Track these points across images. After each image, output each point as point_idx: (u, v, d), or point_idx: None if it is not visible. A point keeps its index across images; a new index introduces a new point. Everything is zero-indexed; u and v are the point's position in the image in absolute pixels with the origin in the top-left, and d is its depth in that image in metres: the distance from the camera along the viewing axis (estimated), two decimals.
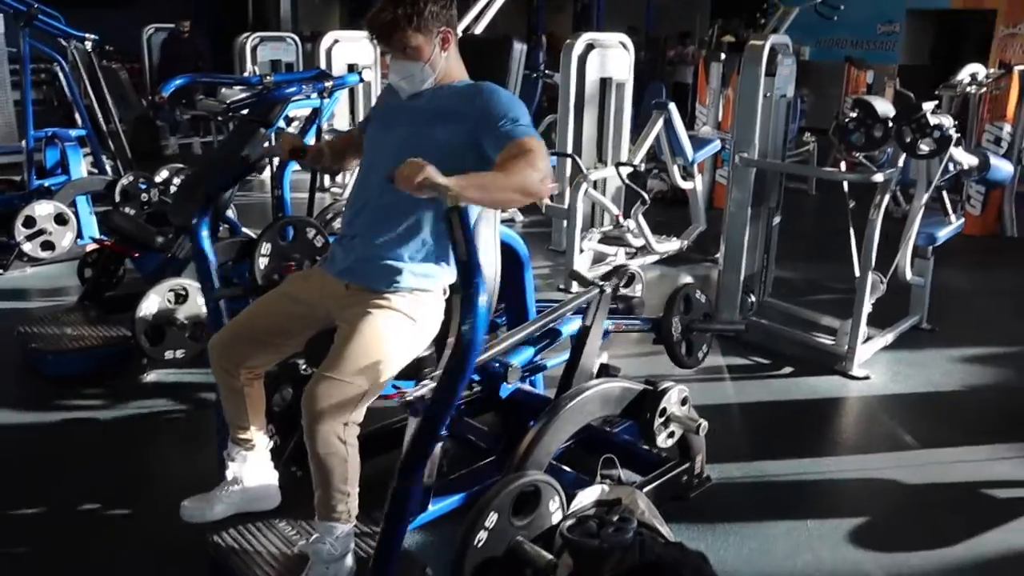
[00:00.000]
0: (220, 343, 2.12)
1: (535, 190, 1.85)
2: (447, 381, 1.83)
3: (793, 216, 7.21)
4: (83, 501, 2.63)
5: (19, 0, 4.68)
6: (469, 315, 1.74)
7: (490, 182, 1.82)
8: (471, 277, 1.73)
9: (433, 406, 1.88)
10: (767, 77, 3.89)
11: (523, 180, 1.82)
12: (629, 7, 14.95)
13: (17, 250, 4.79)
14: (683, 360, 3.15)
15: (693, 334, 3.16)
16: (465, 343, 1.76)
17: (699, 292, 3.16)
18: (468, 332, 1.75)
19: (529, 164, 1.84)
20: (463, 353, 1.76)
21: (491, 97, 2.00)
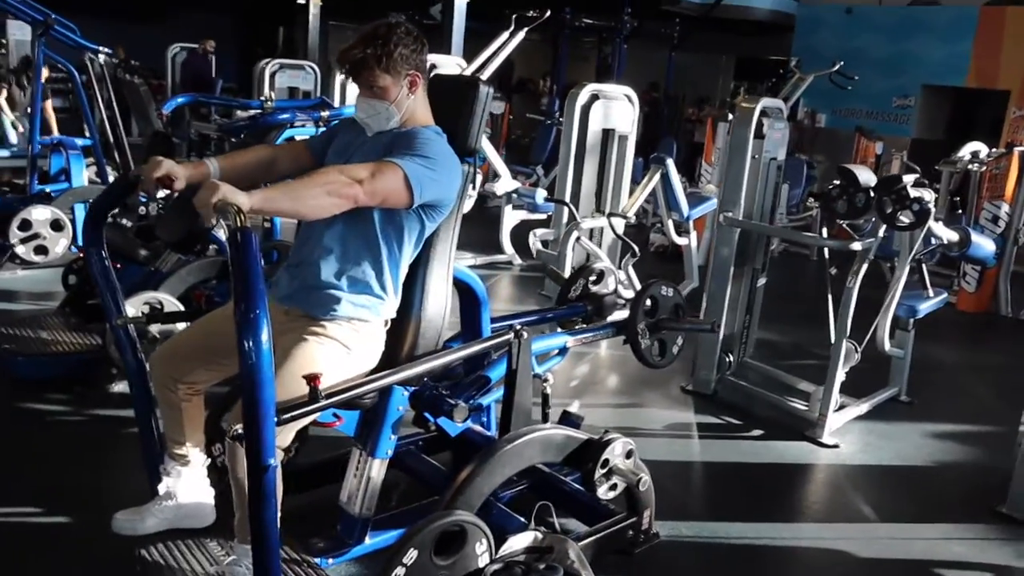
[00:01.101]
0: (160, 357, 2.14)
1: (343, 192, 1.87)
2: (247, 417, 1.69)
3: (790, 279, 7.27)
4: (25, 505, 2.64)
5: (36, 10, 4.81)
6: (248, 342, 1.63)
7: (298, 189, 1.85)
8: (251, 302, 1.63)
9: (248, 443, 1.71)
10: (756, 139, 3.92)
11: (328, 183, 1.86)
12: (652, 63, 15.13)
13: (10, 252, 4.85)
14: (651, 359, 3.04)
15: (663, 332, 3.07)
16: (247, 371, 1.65)
17: (667, 288, 3.07)
18: (250, 359, 1.63)
19: (343, 171, 1.90)
20: (250, 384, 1.65)
21: (412, 136, 2.07)
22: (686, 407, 4.00)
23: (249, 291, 1.63)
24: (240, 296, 1.63)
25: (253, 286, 1.63)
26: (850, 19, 13.42)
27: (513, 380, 2.40)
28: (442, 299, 2.28)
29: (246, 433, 1.68)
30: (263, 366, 1.63)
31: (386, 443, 2.32)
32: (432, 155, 2.03)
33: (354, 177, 1.89)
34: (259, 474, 1.71)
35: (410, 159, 1.99)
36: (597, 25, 14.21)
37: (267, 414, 1.68)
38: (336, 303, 2.04)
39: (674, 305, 3.10)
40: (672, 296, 3.07)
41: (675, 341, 3.12)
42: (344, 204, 1.90)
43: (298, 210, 1.87)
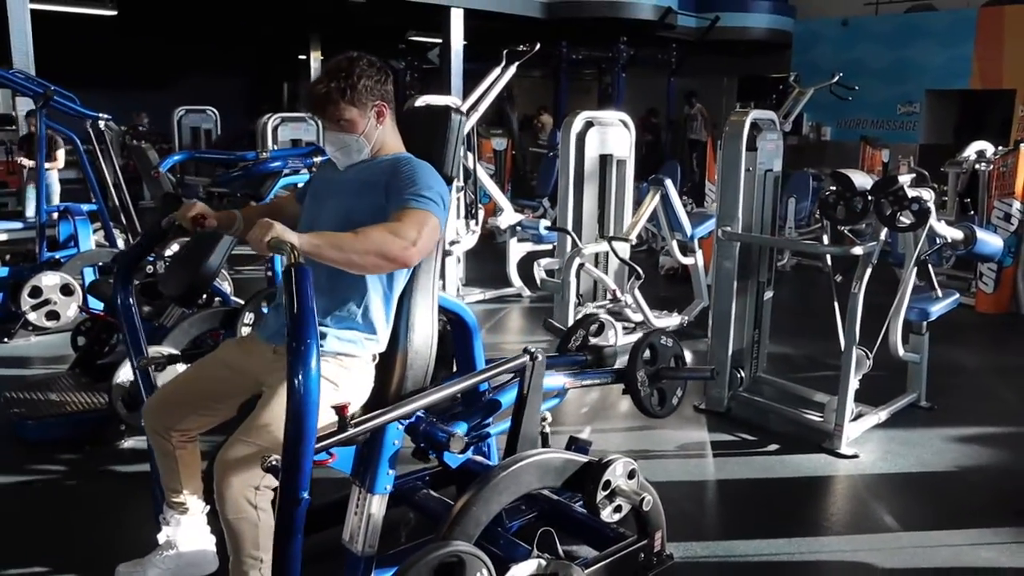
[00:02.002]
0: (152, 406, 2.15)
1: (395, 256, 1.87)
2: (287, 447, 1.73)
3: (802, 293, 7.21)
4: (34, 565, 2.63)
5: (36, 83, 4.94)
6: (299, 374, 1.67)
7: (348, 243, 1.85)
8: (303, 336, 1.68)
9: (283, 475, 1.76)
10: (749, 152, 3.91)
11: (380, 244, 1.85)
12: (653, 89, 15.23)
13: (23, 319, 4.92)
14: (653, 410, 3.03)
15: (663, 382, 3.06)
16: (296, 404, 1.69)
17: (666, 338, 3.07)
18: (299, 393, 1.68)
19: (391, 230, 1.88)
20: (296, 415, 1.69)
21: (402, 168, 2.05)
22: (699, 426, 3.94)
23: (302, 324, 1.69)
24: (292, 329, 1.70)
25: (306, 320, 1.70)
26: (847, 31, 13.49)
27: (523, 405, 2.38)
28: (428, 330, 2.27)
29: (285, 464, 1.72)
30: (311, 399, 1.68)
31: (384, 478, 2.29)
32: (435, 186, 2.04)
33: (408, 239, 1.88)
34: (291, 507, 1.75)
35: (428, 201, 1.98)
36: (595, 56, 14.35)
37: (309, 447, 1.73)
38: (322, 339, 2.04)
39: (673, 355, 3.12)
40: (671, 347, 3.10)
41: (675, 392, 3.15)
42: (392, 267, 1.92)
43: (337, 261, 1.87)
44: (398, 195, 1.97)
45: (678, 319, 5.57)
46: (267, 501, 1.93)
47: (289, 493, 1.73)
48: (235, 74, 18.16)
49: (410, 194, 1.96)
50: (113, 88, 13.19)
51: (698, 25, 14.56)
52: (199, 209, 2.21)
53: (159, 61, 15.79)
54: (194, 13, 13.79)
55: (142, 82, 15.48)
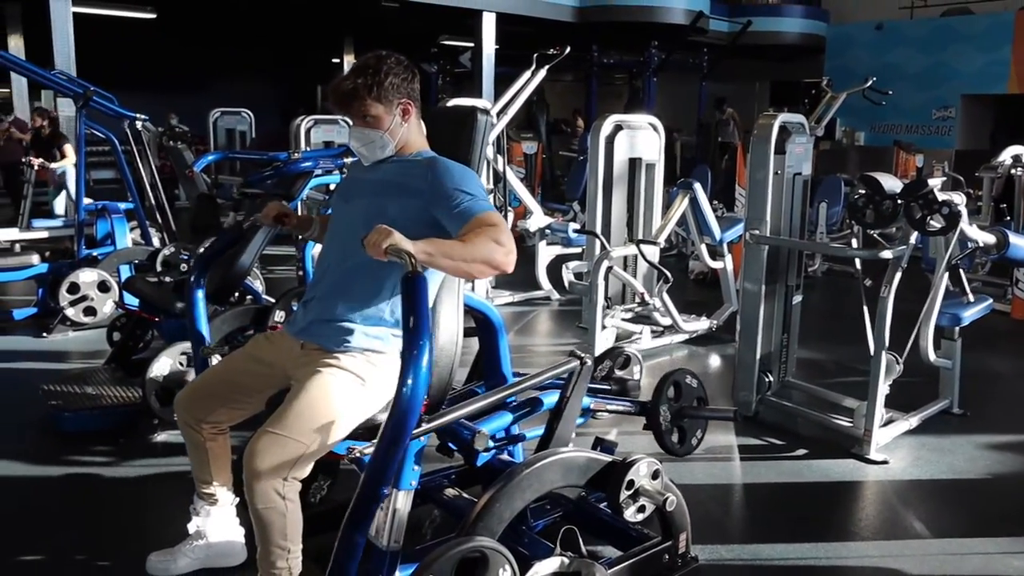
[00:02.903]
0: (184, 399, 2.19)
1: (500, 263, 1.91)
2: (383, 441, 1.84)
3: (834, 298, 7.14)
4: (71, 551, 2.70)
5: (77, 83, 5.05)
6: (410, 376, 1.78)
7: (457, 252, 1.88)
8: (417, 340, 1.78)
9: (371, 466, 1.89)
10: (778, 155, 3.89)
11: (489, 254, 1.89)
12: (684, 95, 15.17)
13: (61, 315, 5.03)
14: (673, 448, 3.11)
15: (685, 420, 3.11)
16: (404, 403, 1.78)
17: (691, 377, 3.12)
18: (407, 392, 1.78)
19: (494, 239, 1.91)
20: (400, 413, 1.78)
21: (444, 171, 2.07)
22: (727, 429, 3.92)
23: (418, 329, 1.80)
24: (409, 332, 1.81)
25: (422, 324, 1.81)
26: (881, 35, 13.33)
27: (563, 407, 2.42)
28: (453, 328, 2.29)
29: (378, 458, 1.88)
30: (416, 403, 1.81)
31: (410, 474, 2.30)
32: (477, 183, 2.08)
33: (508, 246, 1.92)
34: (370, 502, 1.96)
35: (481, 199, 2.02)
36: (626, 60, 14.33)
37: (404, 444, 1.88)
38: (349, 335, 2.07)
39: (696, 397, 3.18)
40: (696, 388, 3.17)
41: (695, 432, 3.19)
42: (494, 273, 1.97)
43: (446, 268, 1.92)
44: (457, 201, 1.99)
45: (707, 323, 5.55)
46: (295, 492, 1.96)
47: (372, 488, 1.89)
48: (269, 77, 18.39)
49: (470, 200, 2.00)
50: (151, 89, 13.43)
51: (730, 29, 14.49)
52: (282, 209, 2.40)
53: (196, 63, 16.04)
54: (231, 17, 13.99)
55: (179, 84, 15.75)
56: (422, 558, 2.40)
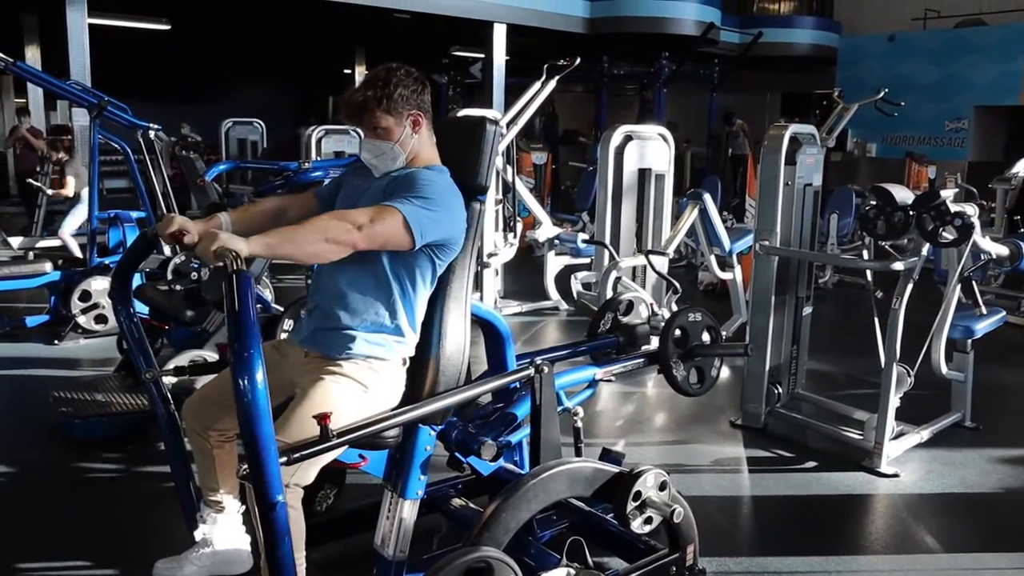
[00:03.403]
0: (191, 406, 2.20)
1: (341, 238, 1.91)
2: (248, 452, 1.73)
3: (845, 310, 7.10)
4: (76, 558, 2.71)
5: (91, 94, 5.09)
6: (243, 378, 1.69)
7: (297, 234, 1.88)
8: (245, 341, 1.70)
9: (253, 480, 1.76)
10: (788, 166, 3.88)
11: (326, 230, 1.89)
12: (694, 106, 15.17)
13: (72, 322, 5.06)
14: (690, 389, 2.95)
15: (698, 359, 2.99)
16: (244, 408, 1.70)
17: (696, 313, 3.00)
18: (246, 396, 1.69)
19: (341, 216, 1.94)
20: (243, 416, 1.70)
21: (416, 179, 2.09)
22: (735, 441, 3.91)
23: (243, 331, 1.69)
24: (234, 336, 1.70)
25: (247, 326, 1.70)
26: (893, 46, 13.31)
27: (538, 415, 2.38)
28: (460, 337, 2.29)
29: (251, 472, 1.71)
30: (259, 403, 1.68)
31: (415, 483, 2.31)
32: (432, 195, 2.05)
33: (353, 222, 1.92)
34: (268, 511, 1.73)
35: (408, 202, 2.01)
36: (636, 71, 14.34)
37: (268, 451, 1.71)
38: (351, 342, 2.08)
39: (705, 327, 3.00)
40: (701, 320, 2.99)
41: (712, 365, 3.03)
42: (342, 250, 1.93)
43: (294, 255, 1.90)
44: (389, 197, 2.03)
45: None
46: (298, 499, 1.96)
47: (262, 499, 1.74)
48: (281, 87, 18.49)
49: (396, 196, 2.02)
50: (163, 100, 13.52)
51: (741, 41, 14.49)
52: (177, 224, 1.99)
53: (208, 74, 16.15)
54: (243, 28, 14.09)
55: (191, 94, 15.85)
56: (427, 568, 2.40)
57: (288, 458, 1.77)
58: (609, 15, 12.67)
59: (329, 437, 1.86)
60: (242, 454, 2.38)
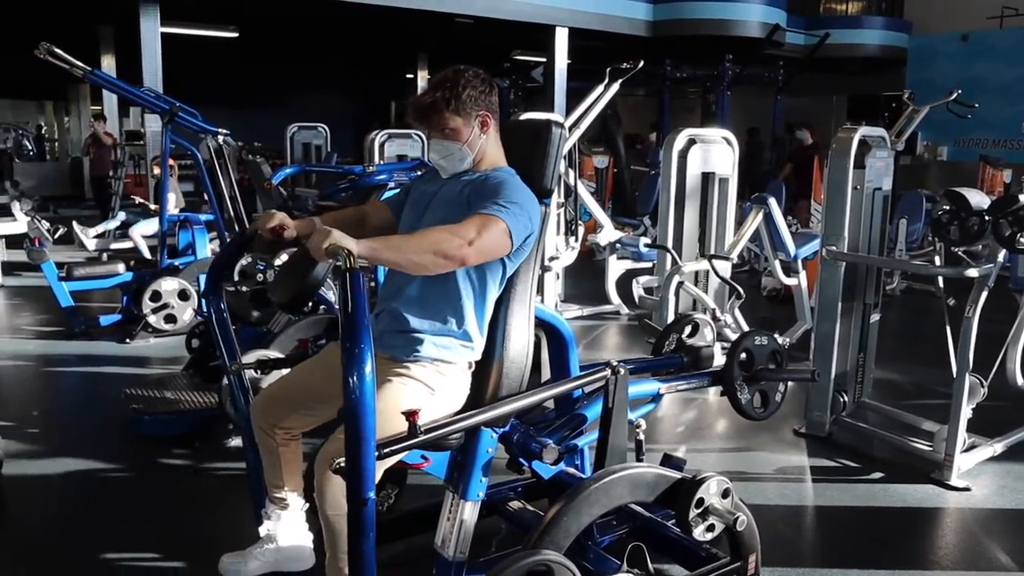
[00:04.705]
0: (259, 404, 2.25)
1: (451, 253, 1.90)
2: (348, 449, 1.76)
3: (914, 317, 6.91)
4: (146, 551, 2.79)
5: (163, 100, 5.25)
6: (354, 376, 1.71)
7: (405, 243, 1.90)
8: (356, 338, 1.71)
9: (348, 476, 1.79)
10: (856, 169, 3.79)
11: (436, 242, 1.89)
12: (758, 109, 14.93)
13: (143, 322, 5.22)
14: (753, 413, 2.92)
15: (762, 383, 2.96)
16: (351, 405, 1.73)
17: (762, 336, 2.97)
18: (355, 393, 1.71)
19: (450, 231, 1.92)
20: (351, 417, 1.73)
21: (494, 181, 2.10)
22: (799, 450, 3.83)
23: (355, 328, 1.72)
24: (347, 332, 1.73)
25: (359, 323, 1.72)
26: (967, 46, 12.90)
27: (608, 419, 2.37)
28: (524, 340, 2.29)
29: (348, 466, 1.75)
30: (366, 400, 1.71)
31: (476, 485, 2.32)
32: (518, 199, 2.06)
33: (464, 237, 1.92)
34: (358, 507, 1.77)
35: (503, 208, 2.01)
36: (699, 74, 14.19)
37: (368, 447, 1.75)
38: (419, 345, 2.10)
39: (771, 352, 2.99)
40: (768, 344, 2.98)
41: (776, 390, 3.02)
42: (450, 265, 1.95)
43: (399, 263, 1.92)
44: (476, 204, 2.02)
45: (779, 341, 5.42)
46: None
47: (354, 494, 1.77)
48: (345, 93, 18.82)
49: (487, 202, 2.01)
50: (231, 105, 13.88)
51: (807, 42, 14.23)
52: (278, 220, 2.18)
53: (274, 80, 16.53)
54: (309, 35, 14.38)
55: (258, 100, 16.24)
56: (487, 570, 2.41)
57: (379, 452, 1.82)
58: (672, 17, 12.56)
59: (417, 433, 1.89)
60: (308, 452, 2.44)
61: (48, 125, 20.06)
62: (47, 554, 2.81)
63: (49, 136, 19.85)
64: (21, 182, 10.87)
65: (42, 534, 2.95)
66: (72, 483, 3.37)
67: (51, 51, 4.64)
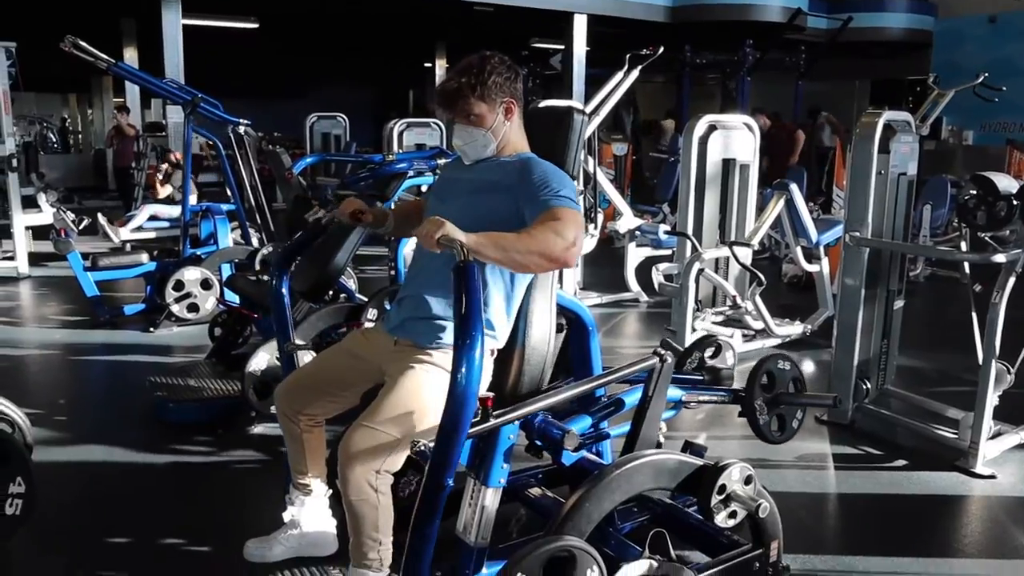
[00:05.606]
0: (284, 390, 2.27)
1: (557, 256, 1.90)
2: (441, 434, 1.84)
3: (938, 304, 6.84)
4: (172, 536, 2.82)
5: (185, 91, 5.29)
6: (463, 366, 1.76)
7: (510, 243, 1.88)
8: (469, 329, 1.76)
9: (433, 458, 1.88)
10: (881, 154, 3.75)
11: (544, 245, 1.88)
12: (779, 95, 14.78)
13: (167, 311, 5.27)
14: (770, 436, 2.98)
15: (781, 407, 3.00)
16: (458, 394, 1.77)
17: (785, 361, 3.01)
18: (462, 383, 1.77)
19: (554, 231, 1.90)
20: (455, 405, 1.78)
21: (533, 169, 2.08)
22: (821, 437, 3.81)
23: (470, 318, 1.79)
24: (460, 325, 1.80)
25: (473, 316, 1.79)
26: (994, 28, 12.71)
27: (647, 406, 2.39)
28: (546, 327, 2.29)
29: (437, 450, 1.84)
30: (471, 391, 1.79)
31: (498, 472, 2.32)
32: (568, 184, 2.08)
33: (568, 239, 1.91)
34: (436, 491, 1.89)
35: (566, 199, 2.01)
36: (719, 60, 14.06)
37: (461, 436, 1.84)
38: (442, 332, 2.10)
39: (792, 379, 3.04)
40: (790, 370, 3.03)
41: (794, 415, 3.07)
42: (554, 266, 1.97)
43: (501, 260, 1.92)
44: (538, 195, 2.00)
45: (800, 328, 5.39)
46: (387, 485, 2.00)
47: (435, 478, 1.86)
48: (364, 82, 18.84)
49: (551, 194, 1.99)
50: (251, 96, 13.93)
51: (829, 26, 14.05)
52: (357, 205, 2.38)
53: (294, 70, 16.57)
54: (328, 25, 14.40)
55: (278, 90, 16.30)
56: (508, 555, 2.42)
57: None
58: (692, 3, 12.46)
59: (488, 417, 1.95)
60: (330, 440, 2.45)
61: (72, 117, 20.24)
62: (77, 537, 2.86)
63: (73, 128, 20.03)
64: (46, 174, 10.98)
65: (71, 517, 3.00)
66: (99, 469, 3.42)
67: (76, 44, 4.69)
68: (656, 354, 2.36)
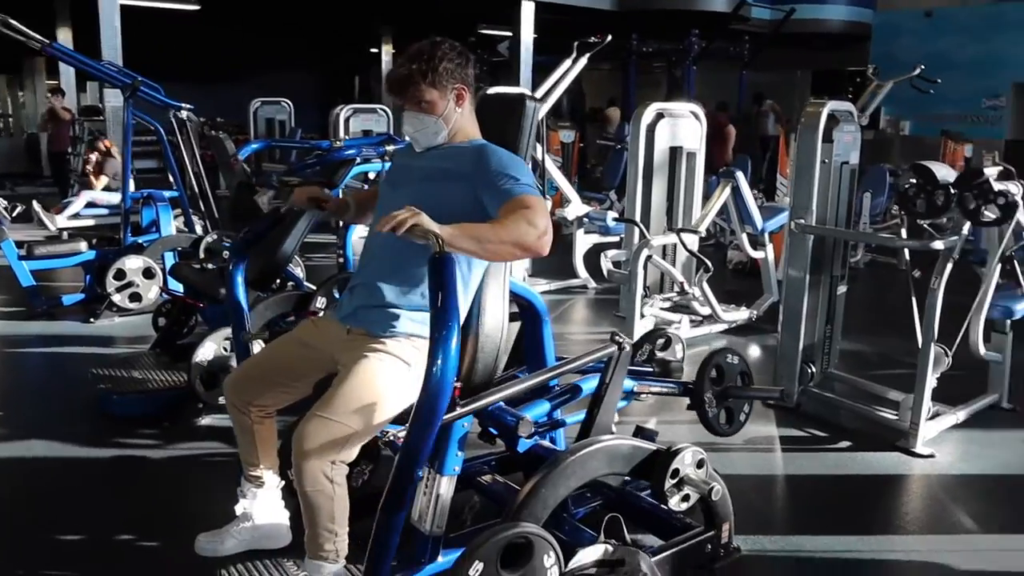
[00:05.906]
0: (233, 381, 2.22)
1: (531, 245, 1.89)
2: (414, 424, 1.85)
3: (877, 290, 7.02)
4: (119, 532, 2.75)
5: (125, 74, 5.13)
6: (439, 357, 1.77)
7: (484, 234, 1.87)
8: (445, 320, 1.77)
9: (404, 449, 1.89)
10: (825, 143, 3.83)
11: (519, 235, 1.87)
12: (723, 84, 14.98)
13: (107, 300, 5.13)
14: (719, 428, 3.06)
15: (730, 400, 3.07)
16: (433, 385, 1.79)
17: (733, 355, 3.08)
18: (437, 374, 1.79)
19: (527, 220, 1.90)
20: (431, 396, 1.80)
21: (490, 156, 2.07)
22: (768, 420, 3.89)
23: (447, 309, 1.80)
24: (438, 312, 1.81)
25: (449, 309, 1.80)
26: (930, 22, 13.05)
27: (603, 393, 2.40)
28: (499, 315, 2.29)
29: (407, 442, 1.87)
30: (446, 384, 1.81)
31: (453, 460, 2.31)
32: (527, 171, 2.09)
33: (540, 228, 1.91)
34: (405, 483, 1.93)
35: (529, 186, 2.02)
36: (665, 49, 14.18)
37: (433, 429, 1.87)
38: (395, 320, 2.08)
39: (740, 372, 3.12)
40: (738, 364, 3.11)
41: (742, 409, 3.16)
42: (528, 255, 1.97)
43: (476, 252, 1.92)
44: (499, 184, 2.00)
45: (746, 313, 5.49)
46: (342, 475, 1.98)
47: (407, 469, 1.89)
48: (308, 68, 18.53)
49: (513, 183, 1.99)
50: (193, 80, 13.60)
51: (772, 17, 14.27)
52: (315, 192, 2.46)
53: (237, 54, 16.21)
54: (271, 8, 14.11)
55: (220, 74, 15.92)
56: (462, 543, 2.42)
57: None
58: None
59: (456, 407, 1.97)
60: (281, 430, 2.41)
61: (1, 100, 19.50)
62: (18, 533, 2.77)
63: (3, 111, 19.31)
64: None
65: (12, 515, 2.91)
66: (40, 463, 3.32)
67: (6, 22, 4.50)
68: (614, 341, 2.38)
